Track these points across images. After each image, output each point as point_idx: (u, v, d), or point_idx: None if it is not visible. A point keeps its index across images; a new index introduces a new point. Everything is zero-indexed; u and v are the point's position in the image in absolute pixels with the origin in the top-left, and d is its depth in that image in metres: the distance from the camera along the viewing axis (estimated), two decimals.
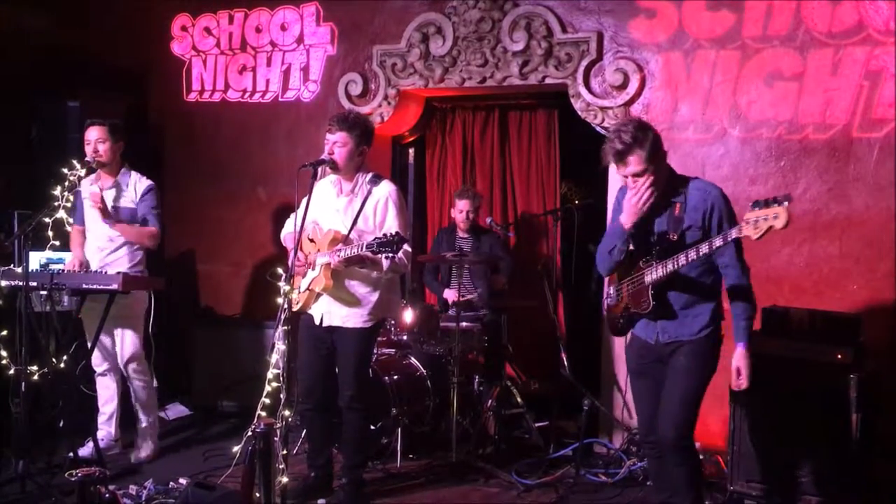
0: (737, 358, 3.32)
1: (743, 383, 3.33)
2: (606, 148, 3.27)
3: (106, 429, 4.85)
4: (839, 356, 3.98)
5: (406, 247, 3.83)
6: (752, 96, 4.78)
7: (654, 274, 3.28)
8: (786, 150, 4.70)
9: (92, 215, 4.68)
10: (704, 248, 3.11)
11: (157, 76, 6.58)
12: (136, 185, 4.68)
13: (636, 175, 3.23)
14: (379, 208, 4.01)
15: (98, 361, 4.79)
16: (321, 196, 4.12)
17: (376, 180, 4.07)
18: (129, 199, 4.67)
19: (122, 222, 4.61)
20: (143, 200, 4.66)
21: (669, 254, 3.23)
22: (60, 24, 6.41)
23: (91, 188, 4.62)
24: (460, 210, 5.55)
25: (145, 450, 4.76)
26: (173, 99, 6.49)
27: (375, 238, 3.67)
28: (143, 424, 4.79)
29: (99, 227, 4.63)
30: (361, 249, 3.73)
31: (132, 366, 4.70)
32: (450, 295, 5.49)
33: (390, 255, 3.69)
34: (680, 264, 3.19)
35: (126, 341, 4.68)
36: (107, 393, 4.85)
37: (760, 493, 4.09)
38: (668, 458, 3.42)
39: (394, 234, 3.63)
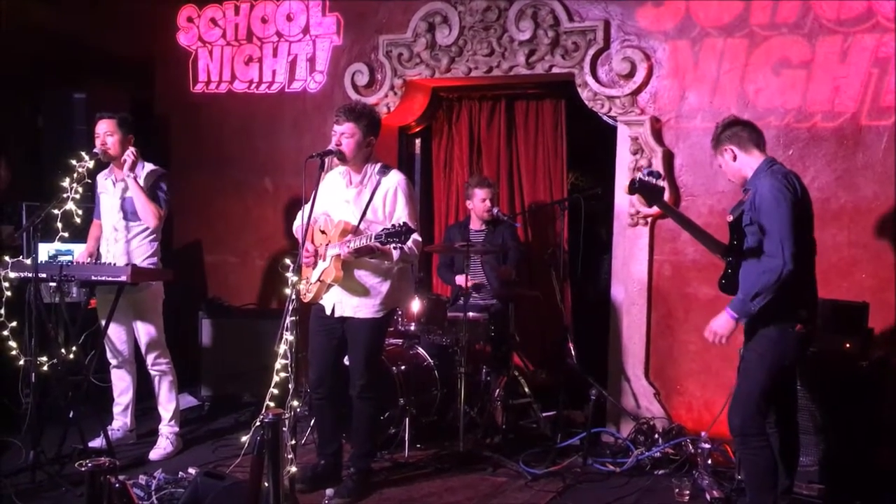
0: (718, 317, 3.49)
1: (706, 334, 3.51)
2: None
3: (121, 419, 4.89)
4: (846, 345, 3.98)
5: (416, 236, 3.82)
6: (759, 84, 4.75)
7: None
8: (794, 138, 4.68)
9: (106, 208, 4.68)
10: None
11: (163, 67, 6.59)
12: (146, 175, 4.67)
13: None
14: (388, 198, 4.01)
15: (113, 354, 4.81)
16: (331, 187, 4.13)
17: (385, 171, 4.07)
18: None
19: (139, 192, 4.54)
20: (149, 183, 4.60)
21: (730, 234, 3.56)
22: (66, 15, 6.40)
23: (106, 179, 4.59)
24: (482, 199, 5.45)
25: (165, 448, 4.70)
26: (179, 90, 6.50)
27: (384, 228, 3.68)
28: (161, 423, 4.78)
29: (111, 219, 4.64)
30: (370, 240, 3.73)
31: (153, 358, 4.71)
32: (461, 280, 5.43)
33: (399, 245, 3.69)
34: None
35: (146, 334, 4.68)
36: (122, 384, 4.87)
37: None
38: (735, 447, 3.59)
39: (402, 224, 3.63)
